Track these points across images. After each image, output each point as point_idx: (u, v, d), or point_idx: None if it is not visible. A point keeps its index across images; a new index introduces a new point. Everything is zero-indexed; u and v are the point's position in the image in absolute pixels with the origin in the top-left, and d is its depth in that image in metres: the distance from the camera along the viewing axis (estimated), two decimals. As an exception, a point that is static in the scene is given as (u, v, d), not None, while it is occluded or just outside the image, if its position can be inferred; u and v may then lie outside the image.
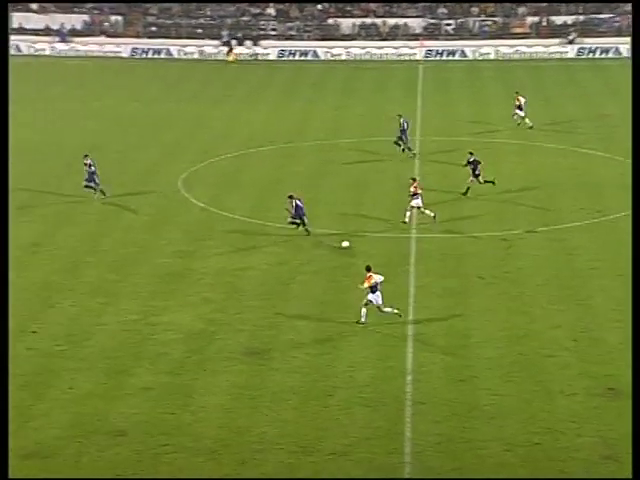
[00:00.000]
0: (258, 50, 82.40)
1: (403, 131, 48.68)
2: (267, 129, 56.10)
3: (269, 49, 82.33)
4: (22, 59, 79.34)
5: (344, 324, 29.82)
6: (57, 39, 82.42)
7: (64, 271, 34.35)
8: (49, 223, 39.61)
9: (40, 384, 26.10)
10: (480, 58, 79.32)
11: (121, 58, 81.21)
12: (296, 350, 28.22)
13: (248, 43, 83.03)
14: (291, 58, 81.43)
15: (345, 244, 35.71)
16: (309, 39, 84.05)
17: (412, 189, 38.80)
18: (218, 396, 25.53)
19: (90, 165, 42.11)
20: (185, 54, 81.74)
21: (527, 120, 54.35)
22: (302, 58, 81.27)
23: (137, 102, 63.65)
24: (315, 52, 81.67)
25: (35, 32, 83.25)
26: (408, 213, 38.80)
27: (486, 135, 54.08)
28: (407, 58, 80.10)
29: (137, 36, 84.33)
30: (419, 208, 38.81)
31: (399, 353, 27.97)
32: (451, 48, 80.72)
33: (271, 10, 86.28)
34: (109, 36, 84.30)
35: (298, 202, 37.36)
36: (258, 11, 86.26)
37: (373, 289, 29.40)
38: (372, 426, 24.03)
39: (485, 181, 42.49)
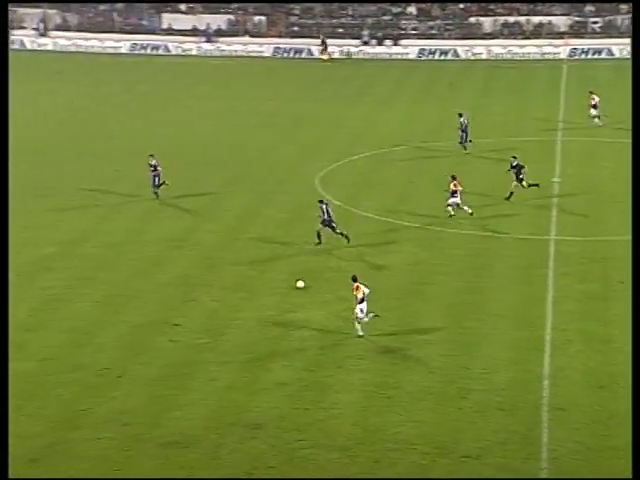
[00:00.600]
0: (398, 50, 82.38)
1: (464, 129, 49.26)
2: (404, 128, 56.02)
3: (409, 48, 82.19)
4: (170, 59, 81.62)
5: (480, 326, 29.54)
6: (203, 39, 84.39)
7: (204, 266, 35.16)
8: (191, 218, 40.61)
9: (182, 375, 26.81)
10: (628, 57, 77.01)
11: (263, 57, 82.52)
12: (431, 350, 28.12)
13: (388, 42, 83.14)
14: (430, 57, 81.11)
15: (300, 284, 32.75)
16: (450, 38, 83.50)
17: (452, 187, 38.90)
18: (352, 394, 25.70)
19: (155, 167, 42.07)
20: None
21: (596, 120, 53.98)
22: (442, 57, 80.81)
23: (273, 101, 64.52)
24: (455, 51, 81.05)
25: (183, 33, 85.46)
26: (450, 208, 39.12)
27: (628, 135, 52.52)
28: (551, 57, 78.57)
29: (279, 36, 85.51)
30: (458, 205, 39.04)
31: (536, 357, 27.51)
32: (597, 46, 78.76)
33: (412, 9, 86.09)
34: (252, 36, 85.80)
35: (324, 207, 36.35)
36: (399, 10, 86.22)
37: (361, 300, 28.82)
38: (507, 430, 23.73)
39: (529, 185, 41.48)
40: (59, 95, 65.66)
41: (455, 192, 38.94)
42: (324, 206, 36.52)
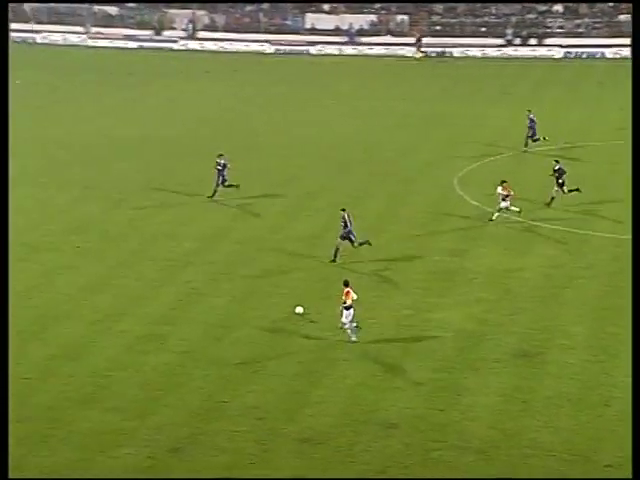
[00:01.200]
0: (542, 51, 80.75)
1: (531, 126, 49.15)
2: (547, 128, 54.74)
3: (554, 47, 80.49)
4: (313, 59, 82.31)
5: (624, 332, 28.56)
6: (346, 39, 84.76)
7: (341, 264, 35.19)
8: (328, 217, 40.74)
9: (316, 372, 26.94)
10: None
11: (406, 57, 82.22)
12: (570, 356, 27.40)
13: (532, 41, 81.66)
14: (577, 57, 79.18)
15: (298, 309, 30.06)
16: (598, 36, 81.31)
17: (502, 191, 38.55)
18: (488, 397, 25.28)
19: (224, 165, 41.20)
20: (466, 54, 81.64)
21: None
22: (588, 56, 78.77)
23: (415, 100, 64.28)
24: (603, 50, 78.87)
25: (326, 32, 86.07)
26: (497, 214, 38.85)
27: None
28: None
29: (421, 35, 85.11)
30: (507, 209, 38.71)
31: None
32: None
33: (558, 7, 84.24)
34: (394, 35, 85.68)
35: (345, 216, 34.66)
36: (545, 8, 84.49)
37: (348, 307, 28.14)
38: (651, 440, 22.86)
39: (569, 190, 40.26)
40: (206, 95, 67.07)
41: (506, 196, 38.46)
42: (346, 215, 34.79)
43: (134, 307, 31.28)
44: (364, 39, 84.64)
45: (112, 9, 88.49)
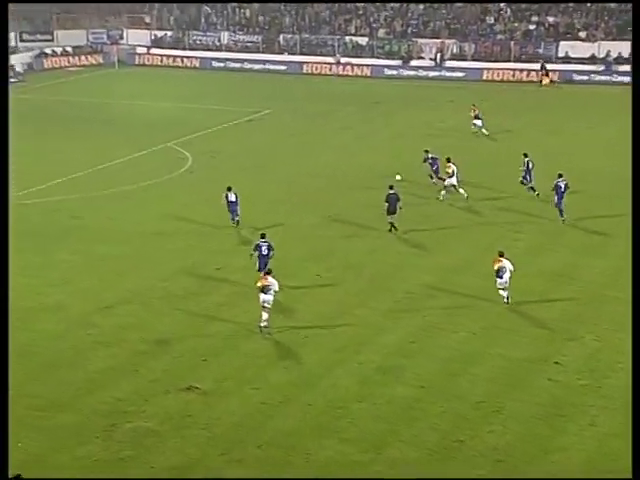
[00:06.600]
0: None
1: (527, 170, 46.12)
2: None
3: None
4: (569, 87, 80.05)
5: None
6: (602, 67, 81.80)
7: (587, 303, 33.65)
8: (575, 253, 39.17)
9: (560, 417, 25.76)
10: None
11: None
12: None
13: None
14: None
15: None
16: None
17: (448, 170, 44.15)
18: None
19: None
20: None
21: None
22: None
23: None
24: None
25: (580, 61, 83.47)
26: (443, 192, 44.67)
27: None
28: None
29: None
30: (454, 186, 44.31)
31: None
32: None
33: None
34: None
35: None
36: None
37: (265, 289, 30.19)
38: None
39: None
40: (446, 123, 66.45)
41: (452, 175, 44.01)
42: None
43: (373, 338, 31.06)
44: (621, 68, 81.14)
45: (362, 39, 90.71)
